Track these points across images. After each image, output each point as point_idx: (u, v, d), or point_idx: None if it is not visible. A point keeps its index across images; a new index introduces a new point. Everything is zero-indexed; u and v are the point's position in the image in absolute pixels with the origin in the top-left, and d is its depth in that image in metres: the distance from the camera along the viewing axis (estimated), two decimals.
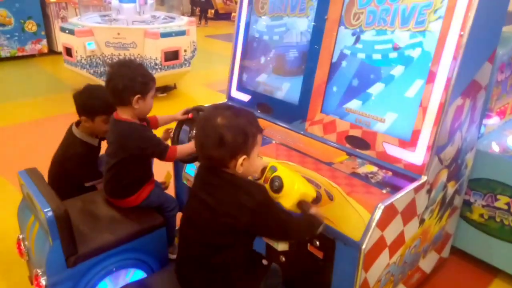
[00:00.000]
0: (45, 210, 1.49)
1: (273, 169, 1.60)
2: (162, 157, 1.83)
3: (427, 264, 2.09)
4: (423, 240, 1.90)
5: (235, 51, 2.47)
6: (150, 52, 4.61)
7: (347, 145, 1.90)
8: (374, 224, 1.47)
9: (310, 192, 1.55)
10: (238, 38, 2.45)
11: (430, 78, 1.62)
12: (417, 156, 1.68)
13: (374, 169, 1.75)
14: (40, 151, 3.51)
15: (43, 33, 7.08)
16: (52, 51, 7.17)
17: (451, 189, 1.95)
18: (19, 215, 1.87)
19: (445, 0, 1.57)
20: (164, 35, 4.56)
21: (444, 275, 2.27)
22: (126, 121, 1.81)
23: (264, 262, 1.47)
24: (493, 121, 2.30)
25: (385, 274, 1.70)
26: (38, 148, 3.69)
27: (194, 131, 1.48)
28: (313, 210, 1.50)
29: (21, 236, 1.83)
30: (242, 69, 2.46)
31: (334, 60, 1.96)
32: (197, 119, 1.78)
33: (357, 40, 1.87)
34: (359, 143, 1.86)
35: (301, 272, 1.86)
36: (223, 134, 1.24)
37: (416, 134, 1.67)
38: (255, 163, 1.35)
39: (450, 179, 1.89)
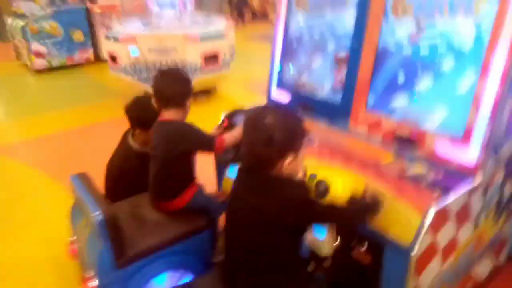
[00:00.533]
0: (95, 214, 1.54)
1: (313, 177, 1.58)
2: (211, 148, 1.85)
3: (481, 270, 1.97)
4: (478, 245, 1.79)
5: (274, 51, 2.45)
6: (191, 56, 4.69)
7: (395, 145, 1.83)
8: (425, 228, 1.40)
9: (358, 186, 1.51)
10: (277, 37, 2.43)
11: (484, 70, 1.52)
12: (470, 155, 1.58)
13: (424, 170, 1.67)
14: (90, 156, 3.68)
15: (89, 42, 7.40)
16: (98, 59, 7.47)
17: (508, 190, 1.82)
18: (71, 218, 1.95)
19: None
20: (204, 39, 4.62)
21: (500, 283, 2.12)
22: (174, 121, 1.87)
23: (309, 268, 1.44)
24: None
25: (437, 281, 1.61)
26: (88, 153, 3.87)
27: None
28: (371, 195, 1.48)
29: (72, 239, 1.91)
30: (282, 69, 2.44)
31: (379, 54, 1.89)
32: (244, 119, 1.78)
33: (404, 32, 1.79)
34: (407, 142, 1.78)
35: (346, 279, 1.81)
36: (273, 133, 1.24)
37: (469, 131, 1.58)
38: (301, 163, 1.36)
39: (507, 180, 1.77)
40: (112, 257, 1.60)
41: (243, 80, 6.13)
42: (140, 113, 2.11)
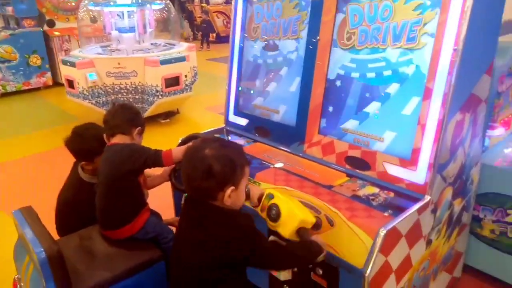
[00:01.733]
0: (37, 251, 1.45)
1: (270, 196, 1.56)
2: (159, 162, 1.80)
3: (438, 285, 2.00)
4: (432, 262, 1.82)
5: (230, 76, 2.46)
6: (151, 79, 4.64)
7: (347, 166, 1.86)
8: (377, 249, 1.41)
9: (309, 219, 1.50)
10: (233, 63, 2.45)
11: (427, 94, 1.58)
12: (418, 175, 1.62)
13: (376, 190, 1.70)
14: (46, 185, 3.53)
15: (47, 66, 7.19)
16: (56, 83, 7.27)
17: (457, 206, 1.87)
18: (15, 255, 1.84)
19: (436, 16, 1.54)
20: (164, 62, 4.60)
21: None
22: (118, 143, 1.86)
23: None
24: (498, 132, 2.24)
25: None
26: (45, 182, 3.70)
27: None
28: (313, 237, 1.44)
29: (17, 277, 1.79)
30: (238, 93, 2.44)
31: (329, 80, 1.93)
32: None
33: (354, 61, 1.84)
34: (359, 163, 1.81)
35: None
36: (212, 164, 1.22)
37: (416, 152, 1.62)
38: (242, 194, 1.32)
39: (456, 197, 1.82)
40: None
41: (207, 102, 6.12)
42: (80, 145, 2.03)
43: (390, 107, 1.72)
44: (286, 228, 1.48)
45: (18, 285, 1.79)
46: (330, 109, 1.94)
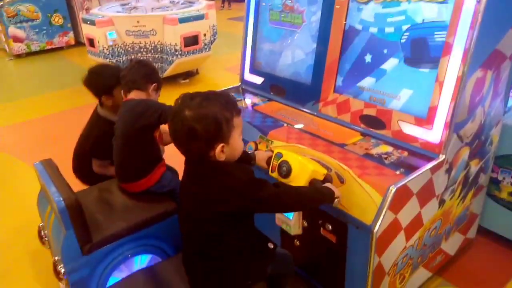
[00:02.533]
0: (57, 200, 1.52)
1: (279, 155, 1.56)
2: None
3: (450, 246, 2.00)
4: (445, 222, 1.81)
5: (246, 33, 2.42)
6: (170, 38, 4.61)
7: (362, 125, 1.83)
8: (386, 207, 1.41)
9: (319, 170, 1.51)
10: (248, 20, 2.40)
11: (446, 50, 1.51)
12: (434, 134, 1.58)
13: (389, 149, 1.67)
14: (69, 141, 3.65)
15: (69, 25, 7.24)
16: (79, 43, 7.33)
17: (474, 167, 1.84)
18: (39, 205, 1.94)
19: None
20: (183, 20, 4.54)
21: (471, 257, 2.17)
22: (134, 99, 1.90)
23: (270, 245, 1.44)
24: None
25: (402, 257, 1.63)
26: (67, 138, 3.80)
27: None
28: (327, 184, 1.45)
29: (41, 225, 1.89)
30: (254, 51, 2.41)
31: (346, 36, 1.87)
32: None
33: (370, 12, 1.77)
34: (374, 122, 1.78)
35: (316, 257, 1.84)
36: (193, 126, 1.16)
37: (432, 110, 1.57)
38: (236, 146, 1.28)
39: (473, 157, 1.78)
40: (76, 243, 1.59)
41: (227, 62, 6.06)
42: (97, 80, 2.12)
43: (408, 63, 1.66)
44: (299, 181, 1.49)
45: (42, 232, 1.89)
46: (347, 66, 1.90)
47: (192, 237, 1.34)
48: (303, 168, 1.49)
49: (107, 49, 4.67)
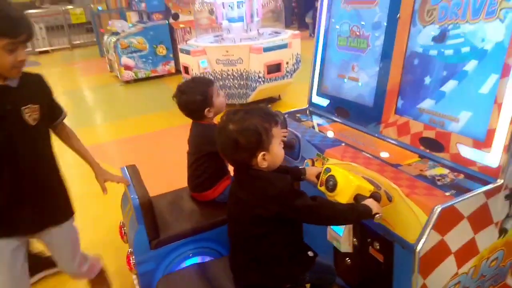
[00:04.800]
0: (133, 198, 1.78)
1: (327, 170, 1.64)
2: None
3: None
4: (508, 254, 1.69)
5: (315, 59, 2.55)
6: (254, 66, 4.92)
7: (421, 147, 1.82)
8: (430, 227, 1.40)
9: (365, 185, 1.55)
10: (318, 46, 2.53)
11: (505, 71, 1.48)
12: (492, 157, 1.54)
13: (445, 171, 1.65)
14: (165, 154, 4.10)
15: (171, 55, 8.07)
16: (178, 71, 8.10)
17: None
18: (122, 204, 2.25)
19: None
20: (267, 49, 4.83)
21: None
22: (201, 123, 2.09)
23: (310, 253, 1.51)
24: None
25: (454, 284, 1.57)
26: (164, 152, 4.33)
27: None
28: (367, 201, 1.49)
29: (122, 222, 2.19)
30: (322, 75, 2.52)
31: (407, 58, 1.91)
32: None
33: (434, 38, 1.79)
34: (433, 144, 1.77)
35: (365, 276, 1.83)
36: (237, 138, 1.33)
37: (491, 133, 1.53)
38: (277, 154, 1.41)
39: None
40: (146, 238, 1.83)
41: (308, 88, 6.21)
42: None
43: (467, 85, 1.65)
44: (344, 195, 1.55)
45: (122, 228, 2.19)
46: (407, 88, 1.92)
47: (236, 239, 1.49)
48: (348, 183, 1.55)
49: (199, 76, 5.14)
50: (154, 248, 1.86)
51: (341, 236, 1.76)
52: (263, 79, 4.95)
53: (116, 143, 4.97)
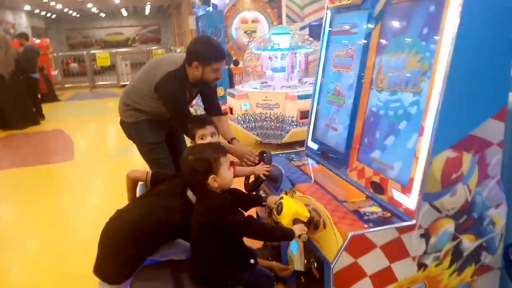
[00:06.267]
0: None
1: (281, 199, 2.07)
2: None
3: None
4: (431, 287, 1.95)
5: (312, 110, 3.00)
6: (289, 111, 5.44)
7: (371, 190, 2.18)
8: (342, 248, 1.76)
9: (302, 212, 1.95)
10: (314, 100, 2.98)
11: (421, 131, 1.84)
12: (411, 201, 1.87)
13: (378, 210, 1.99)
14: None
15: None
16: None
17: (469, 243, 1.95)
18: None
19: (430, 66, 1.82)
20: (301, 97, 5.34)
21: None
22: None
23: (252, 261, 1.92)
24: None
25: None
26: None
27: None
28: (296, 226, 1.89)
29: None
30: (315, 124, 2.97)
31: (366, 116, 2.30)
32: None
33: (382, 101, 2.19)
34: (377, 187, 2.12)
35: None
36: (194, 165, 1.84)
37: (412, 181, 1.87)
38: (225, 177, 1.89)
39: (463, 232, 1.92)
40: None
41: None
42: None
43: (400, 141, 2.01)
44: (285, 218, 1.97)
45: None
46: (366, 140, 2.30)
47: (191, 241, 1.95)
48: (289, 209, 1.96)
49: (240, 117, 5.77)
50: None
51: (295, 255, 2.15)
52: (296, 123, 5.43)
53: None
